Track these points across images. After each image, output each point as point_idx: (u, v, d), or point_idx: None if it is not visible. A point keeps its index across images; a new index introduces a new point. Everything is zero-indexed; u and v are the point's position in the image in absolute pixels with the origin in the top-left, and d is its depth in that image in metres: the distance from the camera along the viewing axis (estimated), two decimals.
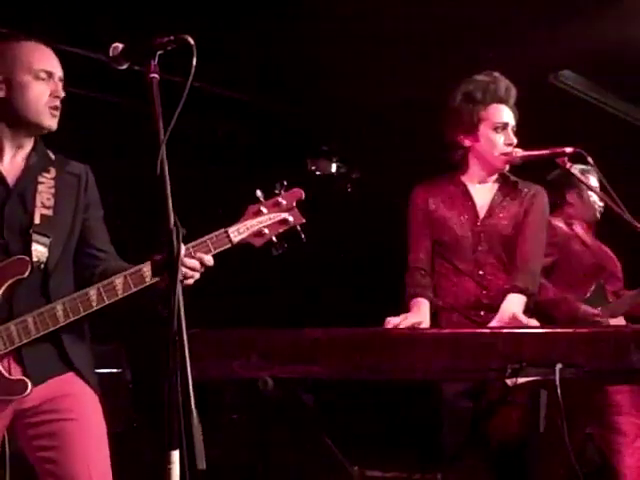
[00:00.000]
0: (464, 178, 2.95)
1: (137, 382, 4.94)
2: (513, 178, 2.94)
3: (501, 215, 2.88)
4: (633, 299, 3.68)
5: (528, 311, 2.71)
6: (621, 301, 3.67)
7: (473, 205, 2.91)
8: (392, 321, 2.66)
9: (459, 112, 2.88)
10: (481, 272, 2.84)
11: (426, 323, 2.72)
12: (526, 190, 2.92)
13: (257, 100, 5.49)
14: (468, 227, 2.87)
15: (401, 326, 2.62)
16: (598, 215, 3.78)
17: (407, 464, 2.70)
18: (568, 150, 2.67)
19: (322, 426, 2.49)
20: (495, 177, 2.93)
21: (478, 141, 2.88)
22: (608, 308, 3.60)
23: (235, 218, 2.14)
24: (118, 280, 2.06)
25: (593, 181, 3.18)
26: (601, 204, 3.72)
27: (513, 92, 2.89)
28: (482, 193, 2.93)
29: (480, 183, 2.93)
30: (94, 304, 2.06)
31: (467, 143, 2.91)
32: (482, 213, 2.90)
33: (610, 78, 5.37)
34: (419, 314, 2.78)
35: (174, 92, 1.74)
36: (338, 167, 6.15)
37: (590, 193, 3.72)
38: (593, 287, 3.63)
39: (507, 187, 2.92)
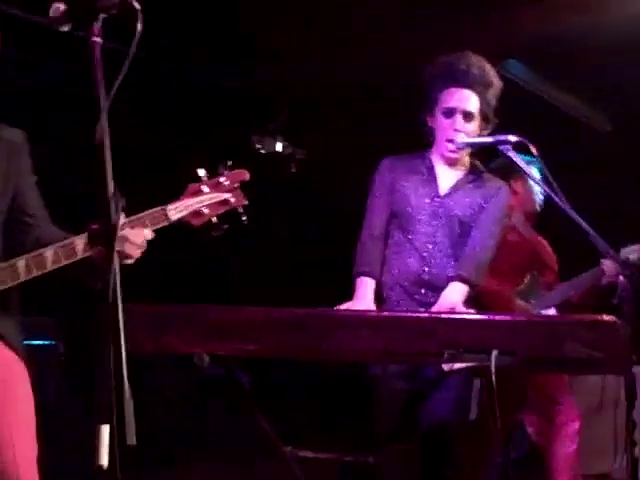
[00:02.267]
0: (431, 156, 2.97)
1: (70, 355, 4.85)
2: (481, 168, 2.96)
3: (461, 199, 2.89)
4: (566, 291, 3.76)
5: (469, 301, 2.73)
6: (554, 293, 3.74)
7: (436, 182, 2.92)
8: (347, 306, 2.66)
9: (425, 91, 2.90)
10: (430, 247, 2.84)
11: (371, 309, 2.72)
12: (491, 183, 2.94)
13: (202, 74, 5.41)
14: (426, 202, 2.88)
15: None
16: (538, 207, 3.84)
17: (340, 446, 2.70)
18: (512, 139, 2.68)
19: (256, 405, 2.47)
20: (463, 163, 2.94)
21: (435, 123, 2.91)
22: (541, 299, 3.66)
23: (176, 196, 2.09)
24: (48, 252, 1.99)
25: (535, 172, 3.21)
26: (542, 196, 3.77)
27: (475, 75, 2.84)
28: (447, 174, 2.94)
29: (445, 164, 2.94)
30: (21, 275, 1.99)
31: (430, 123, 2.93)
32: (443, 192, 2.90)
33: (555, 69, 5.44)
34: (366, 300, 2.77)
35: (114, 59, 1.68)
36: (283, 146, 6.10)
37: (532, 184, 3.77)
38: (527, 278, 3.69)
39: (473, 175, 2.94)
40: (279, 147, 6.12)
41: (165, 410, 5.52)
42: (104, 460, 1.56)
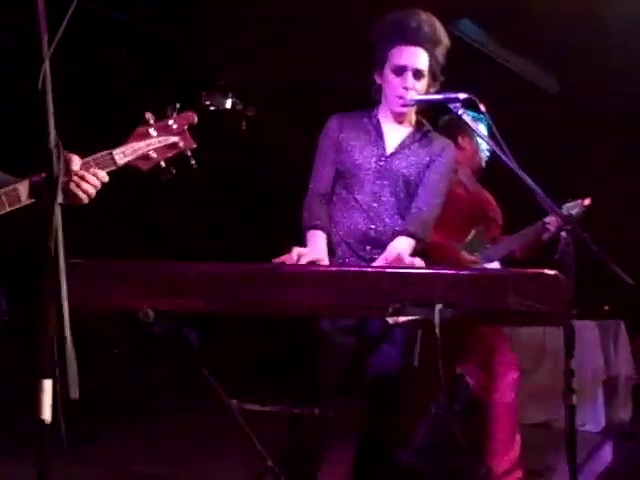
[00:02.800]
0: (379, 114, 2.95)
1: (11, 308, 4.78)
2: (427, 126, 2.96)
3: (407, 157, 2.89)
4: (510, 244, 3.83)
5: (416, 255, 2.75)
6: (498, 246, 3.81)
7: (382, 141, 2.91)
8: (297, 250, 2.65)
9: (374, 48, 2.88)
10: (375, 205, 2.85)
11: (326, 259, 2.72)
12: (437, 141, 2.95)
13: (152, 29, 5.30)
14: (373, 160, 2.88)
15: (302, 261, 2.61)
16: (484, 163, 3.89)
17: (286, 399, 2.72)
18: (461, 96, 2.69)
19: (202, 359, 2.47)
20: (410, 121, 2.94)
21: (383, 80, 2.89)
22: (485, 253, 3.72)
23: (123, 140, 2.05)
24: None
25: (483, 129, 3.24)
26: (488, 152, 3.81)
27: (426, 33, 2.82)
28: (394, 132, 2.93)
29: (393, 123, 2.93)
30: None
31: (378, 80, 2.92)
32: (389, 150, 2.91)
33: (506, 30, 5.47)
34: (320, 249, 2.77)
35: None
36: (233, 103, 6.04)
37: (479, 140, 3.81)
38: (472, 231, 3.75)
39: (419, 133, 2.94)
40: (229, 104, 6.06)
41: (111, 367, 5.52)
42: (47, 415, 1.55)
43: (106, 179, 1.97)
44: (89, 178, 1.92)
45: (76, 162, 1.86)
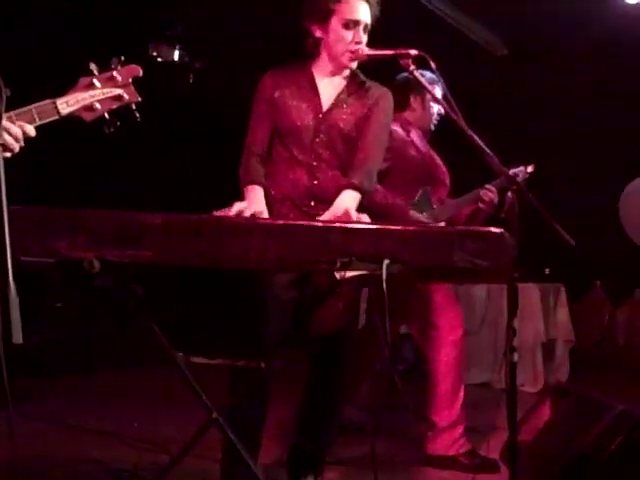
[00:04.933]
0: (314, 68, 2.92)
1: None
2: (362, 77, 2.93)
3: (344, 111, 2.88)
4: (456, 207, 3.87)
5: (361, 209, 2.76)
6: (444, 207, 3.85)
7: (318, 96, 2.89)
8: (238, 205, 2.63)
9: (314, 0, 2.82)
10: (315, 163, 2.85)
11: (265, 212, 2.71)
12: (373, 91, 2.92)
13: None
14: (310, 117, 2.86)
15: (244, 214, 2.60)
16: (434, 124, 3.90)
17: (231, 352, 2.73)
18: (412, 52, 2.68)
19: (147, 312, 2.45)
20: (345, 73, 2.91)
21: (328, 34, 2.84)
22: (431, 213, 3.76)
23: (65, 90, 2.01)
24: None
25: (436, 89, 3.24)
26: (440, 113, 3.82)
27: None
28: (329, 87, 2.91)
29: (328, 76, 2.91)
30: None
31: (318, 34, 2.86)
32: (326, 106, 2.89)
33: None
34: (259, 203, 2.76)
35: None
36: (181, 55, 5.94)
37: (430, 102, 3.82)
38: (420, 192, 3.77)
39: (355, 85, 2.92)
40: (176, 56, 5.97)
41: (55, 320, 5.45)
42: None
43: (33, 133, 1.93)
44: (13, 130, 1.87)
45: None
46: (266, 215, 2.70)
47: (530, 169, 3.87)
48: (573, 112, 6.41)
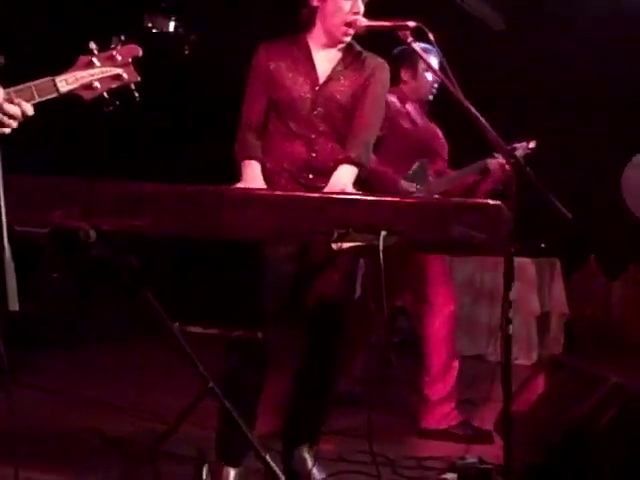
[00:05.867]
0: (309, 40, 2.89)
1: None
2: (358, 48, 2.91)
3: (341, 83, 2.86)
4: (452, 180, 3.87)
5: (359, 182, 2.76)
6: (441, 180, 3.85)
7: (314, 69, 2.87)
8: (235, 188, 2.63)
9: None
10: (313, 136, 2.83)
11: (263, 186, 2.70)
12: (369, 61, 2.90)
13: None
14: (306, 90, 2.84)
15: None
16: (430, 96, 3.87)
17: (228, 322, 2.74)
18: (410, 24, 2.66)
19: (143, 282, 2.45)
20: (341, 45, 2.88)
21: (326, 3, 2.81)
22: (426, 186, 3.75)
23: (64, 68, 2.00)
24: None
25: (433, 60, 3.22)
26: (435, 84, 3.80)
27: None
28: (325, 58, 2.88)
29: (324, 48, 2.88)
30: None
31: (315, 3, 2.83)
32: (322, 78, 2.87)
33: None
34: (258, 179, 2.75)
35: None
36: (176, 26, 5.89)
37: (424, 73, 3.80)
38: (415, 164, 3.77)
39: (351, 56, 2.89)
40: (171, 27, 5.91)
41: (50, 292, 5.44)
42: None
43: (30, 112, 1.92)
44: (10, 107, 1.86)
45: None
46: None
47: (532, 145, 3.86)
48: (573, 86, 6.38)
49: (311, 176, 2.83)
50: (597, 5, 5.73)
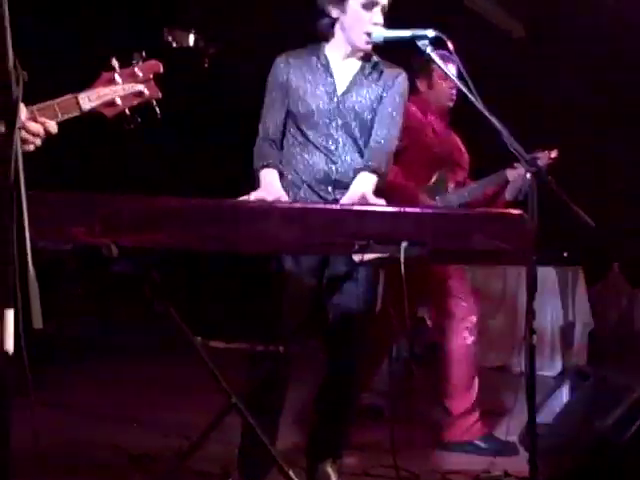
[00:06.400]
0: (328, 50, 2.89)
1: None
2: (376, 58, 2.90)
3: (360, 93, 2.85)
4: (472, 191, 3.84)
5: (379, 191, 2.74)
6: (461, 191, 3.82)
7: (333, 80, 2.86)
8: (255, 194, 2.62)
9: None
10: (333, 147, 2.83)
11: (285, 196, 2.68)
12: (387, 71, 2.89)
13: None
14: (325, 101, 2.83)
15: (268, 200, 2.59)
16: (450, 103, 3.85)
17: (250, 336, 2.73)
18: (430, 33, 2.65)
19: (165, 297, 2.46)
20: (359, 55, 2.89)
21: (346, 14, 2.81)
22: (446, 198, 3.73)
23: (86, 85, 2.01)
24: None
25: (451, 68, 3.21)
26: (453, 93, 3.78)
27: None
28: (344, 69, 2.88)
29: (343, 58, 2.88)
30: None
31: (335, 14, 2.83)
32: (341, 89, 2.86)
33: None
34: (276, 188, 2.72)
35: None
36: (196, 40, 5.93)
37: (440, 81, 3.78)
38: (435, 175, 3.75)
39: (369, 66, 2.89)
40: (191, 41, 5.95)
41: (74, 307, 5.47)
42: (9, 346, 1.52)
43: (54, 130, 1.92)
44: (34, 126, 1.87)
45: (21, 108, 1.81)
46: (286, 199, 2.68)
47: (554, 154, 3.84)
48: (593, 93, 6.34)
49: (330, 188, 2.82)
50: (614, 9, 5.69)
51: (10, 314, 1.50)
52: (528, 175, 2.58)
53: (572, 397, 3.22)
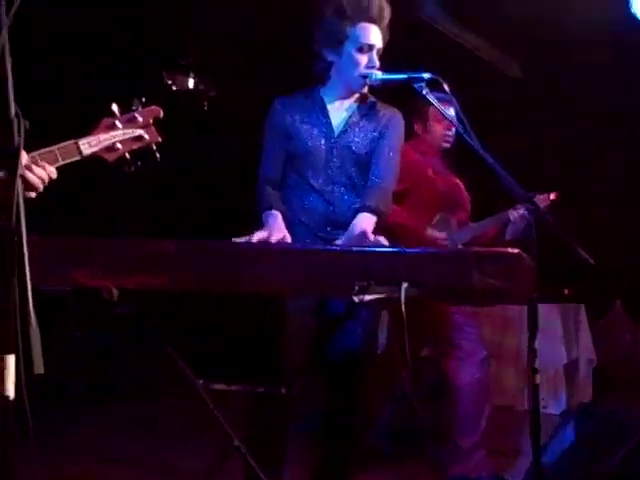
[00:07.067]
0: (323, 93, 2.93)
1: None
2: (372, 99, 2.94)
3: (356, 134, 2.88)
4: (474, 231, 3.86)
5: (378, 230, 2.75)
6: (463, 232, 3.84)
7: (329, 121, 2.89)
8: (258, 234, 2.63)
9: (327, 24, 2.82)
10: (330, 188, 2.84)
11: (289, 237, 2.69)
12: (383, 112, 2.93)
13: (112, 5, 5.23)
14: (322, 142, 2.86)
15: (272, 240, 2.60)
16: (446, 144, 3.88)
17: (251, 378, 2.72)
18: (425, 76, 2.69)
19: (167, 339, 2.45)
20: (355, 96, 2.92)
21: (341, 58, 2.85)
22: (450, 237, 3.75)
23: (87, 131, 2.04)
24: None
25: (449, 110, 3.24)
26: (449, 134, 3.82)
27: (386, 13, 2.83)
28: (340, 110, 2.91)
29: (339, 100, 2.91)
30: None
31: (330, 58, 2.87)
32: (337, 130, 2.89)
33: (469, 13, 5.49)
34: (281, 229, 2.72)
35: None
36: (195, 83, 6.00)
37: (434, 124, 3.82)
38: (437, 217, 3.77)
39: (365, 107, 2.92)
40: (191, 84, 6.02)
41: (73, 351, 5.46)
42: (10, 391, 1.52)
43: (54, 175, 1.95)
44: (36, 171, 1.90)
45: (22, 155, 1.84)
46: (289, 239, 2.68)
47: (553, 196, 3.86)
48: (592, 129, 6.38)
49: (329, 229, 2.83)
50: (615, 46, 5.75)
51: (11, 360, 1.51)
52: (527, 214, 2.60)
53: (578, 435, 3.20)
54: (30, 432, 1.54)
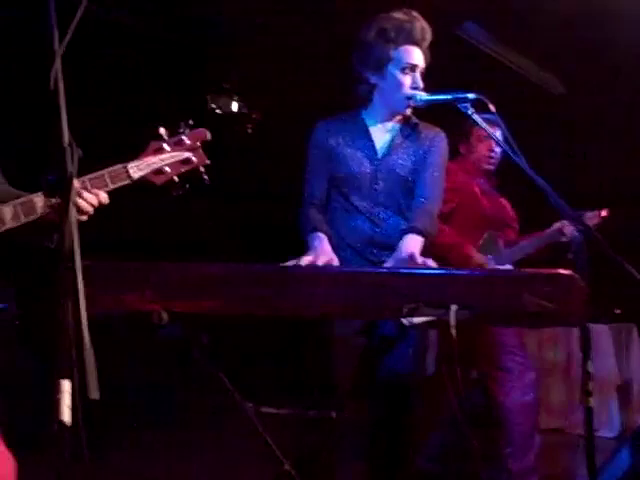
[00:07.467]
0: (365, 115, 2.93)
1: (23, 316, 4.78)
2: (414, 120, 2.93)
3: (400, 155, 2.88)
4: (525, 248, 3.82)
5: (425, 252, 2.73)
6: (513, 250, 3.80)
7: (372, 143, 2.90)
8: (306, 259, 2.63)
9: (370, 48, 2.84)
10: (375, 210, 2.84)
11: (336, 260, 2.69)
12: (426, 132, 2.92)
13: (156, 31, 5.31)
14: (366, 165, 2.86)
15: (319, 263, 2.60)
16: (490, 166, 3.86)
17: (302, 402, 2.71)
18: (470, 96, 2.68)
19: (216, 363, 2.46)
20: (397, 118, 2.92)
21: (385, 79, 2.85)
22: (499, 255, 3.71)
23: (135, 154, 2.07)
24: (6, 209, 1.93)
25: (496, 131, 3.22)
26: (493, 155, 3.80)
27: (428, 35, 2.85)
28: (382, 132, 2.92)
29: (381, 122, 2.92)
30: None
31: (373, 80, 2.88)
32: (381, 152, 2.89)
33: (510, 31, 5.47)
34: (327, 252, 2.72)
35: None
36: (239, 106, 6.05)
37: (478, 144, 3.81)
38: (485, 236, 3.74)
39: (408, 128, 2.92)
40: (235, 107, 6.07)
41: (124, 373, 5.50)
42: (66, 416, 1.53)
43: (106, 201, 1.98)
44: (87, 196, 1.93)
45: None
46: (336, 262, 2.68)
47: (604, 213, 3.81)
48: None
49: (376, 251, 2.82)
50: None
51: (67, 385, 1.52)
52: (576, 233, 2.56)
53: (634, 459, 3.13)
54: (86, 459, 1.55)
